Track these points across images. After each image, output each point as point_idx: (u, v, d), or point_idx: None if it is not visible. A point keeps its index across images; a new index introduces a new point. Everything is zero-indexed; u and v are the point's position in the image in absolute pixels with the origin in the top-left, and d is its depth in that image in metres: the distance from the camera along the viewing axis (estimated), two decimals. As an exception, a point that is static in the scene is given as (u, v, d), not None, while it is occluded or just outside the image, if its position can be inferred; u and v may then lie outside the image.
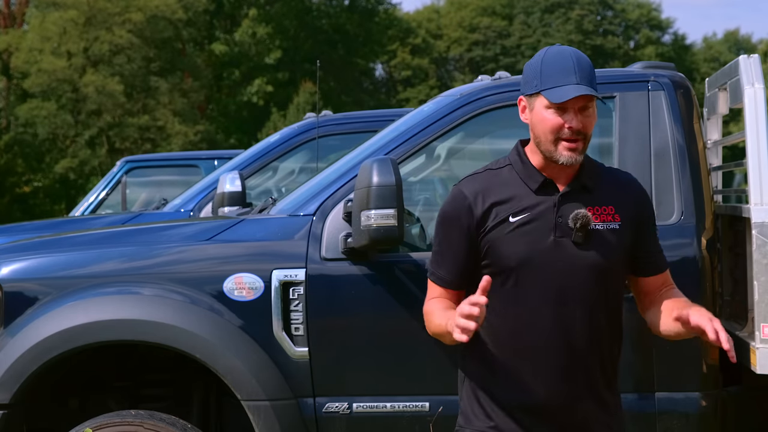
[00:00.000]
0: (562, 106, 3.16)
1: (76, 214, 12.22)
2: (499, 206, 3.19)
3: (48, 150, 37.99)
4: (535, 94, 3.20)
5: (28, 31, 39.67)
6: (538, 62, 3.21)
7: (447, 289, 3.26)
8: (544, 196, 3.20)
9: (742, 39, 63.83)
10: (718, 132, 5.99)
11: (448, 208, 3.25)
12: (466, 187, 3.24)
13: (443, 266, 3.26)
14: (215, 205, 7.17)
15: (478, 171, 3.29)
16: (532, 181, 3.22)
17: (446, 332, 3.08)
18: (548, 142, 3.19)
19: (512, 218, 3.18)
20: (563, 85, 3.17)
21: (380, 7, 52.41)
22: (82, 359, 4.88)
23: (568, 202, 3.21)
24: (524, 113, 3.25)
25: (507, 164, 3.26)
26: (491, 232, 3.18)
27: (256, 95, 45.00)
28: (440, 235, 3.26)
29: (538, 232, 3.17)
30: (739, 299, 5.08)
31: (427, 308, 3.27)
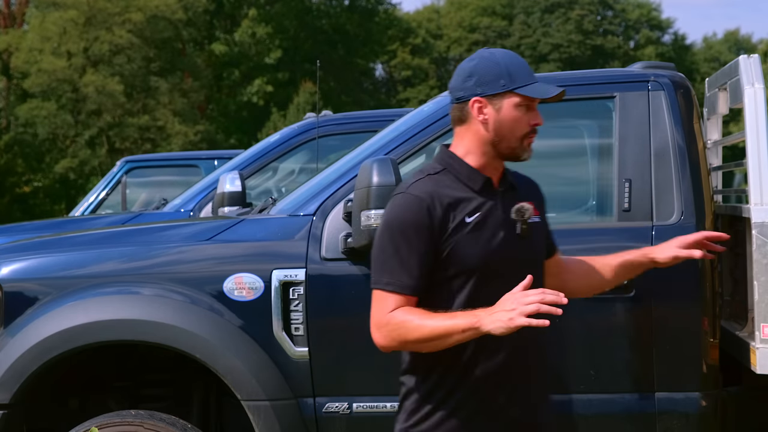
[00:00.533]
0: (530, 105, 3.27)
1: (76, 214, 12.22)
2: (453, 208, 3.23)
3: (48, 150, 38.01)
4: (502, 94, 3.26)
5: (28, 31, 39.68)
6: (496, 62, 3.29)
7: (409, 297, 3.21)
8: (487, 195, 3.28)
9: (743, 39, 63.84)
10: (718, 132, 5.99)
11: (405, 215, 3.21)
12: (418, 191, 3.23)
13: (405, 273, 3.19)
14: (215, 205, 7.17)
15: (420, 177, 3.28)
16: (474, 182, 3.28)
17: (466, 328, 3.07)
18: (515, 139, 3.28)
19: (468, 218, 3.23)
20: (533, 83, 3.28)
21: (380, 7, 52.41)
22: (82, 359, 4.89)
23: (506, 199, 3.32)
24: (481, 114, 3.28)
25: (442, 169, 3.30)
26: (452, 233, 3.20)
27: (256, 95, 45.01)
28: (398, 241, 3.18)
29: (491, 231, 3.26)
30: (739, 299, 5.08)
31: (401, 318, 3.16)
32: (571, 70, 5.52)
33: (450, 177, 3.28)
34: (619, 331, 4.58)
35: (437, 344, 3.15)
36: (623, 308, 4.58)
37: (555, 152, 5.26)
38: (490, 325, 3.05)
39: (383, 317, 3.22)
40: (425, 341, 3.16)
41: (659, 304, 4.57)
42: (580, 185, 5.15)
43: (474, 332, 3.09)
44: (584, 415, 4.59)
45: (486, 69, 3.29)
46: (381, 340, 3.24)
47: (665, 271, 4.56)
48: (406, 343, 3.19)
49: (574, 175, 5.17)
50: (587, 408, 4.58)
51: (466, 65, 3.33)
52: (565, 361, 4.60)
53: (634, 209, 4.67)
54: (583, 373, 4.59)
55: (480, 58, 3.32)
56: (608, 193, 4.78)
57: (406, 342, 3.19)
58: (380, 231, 3.25)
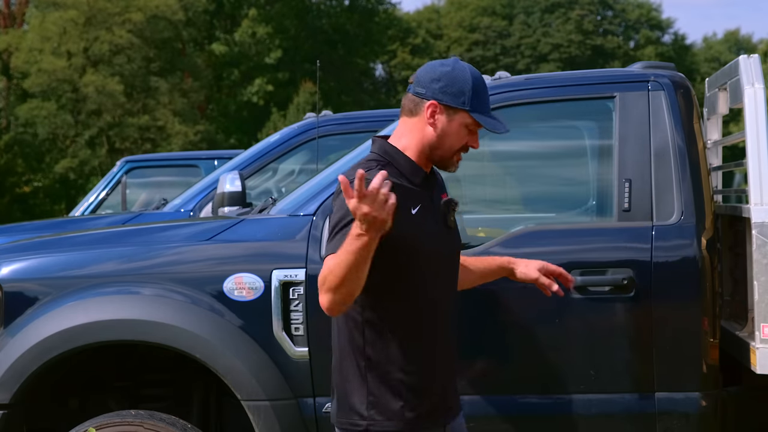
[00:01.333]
0: (474, 129, 3.45)
1: (76, 214, 12.21)
2: (399, 198, 3.26)
3: (48, 150, 38.00)
4: (458, 109, 3.41)
5: (28, 31, 39.67)
6: (465, 79, 3.42)
7: None
8: (424, 189, 3.46)
9: (743, 39, 63.83)
10: (718, 132, 5.99)
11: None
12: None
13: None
14: (215, 205, 7.17)
15: (371, 168, 3.36)
16: (415, 176, 3.44)
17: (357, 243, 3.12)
18: (450, 152, 3.46)
19: (413, 210, 3.39)
20: (488, 113, 3.46)
21: (380, 7, 52.41)
22: (82, 359, 4.89)
23: (436, 193, 3.51)
24: (432, 118, 3.42)
25: (386, 161, 3.43)
26: (397, 222, 3.26)
27: (256, 95, 45.01)
28: (346, 218, 3.26)
29: (430, 222, 3.44)
30: (739, 299, 5.08)
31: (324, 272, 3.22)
32: (571, 70, 5.52)
33: (394, 170, 3.41)
34: (619, 331, 4.58)
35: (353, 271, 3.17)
36: (623, 308, 4.58)
37: (555, 152, 5.26)
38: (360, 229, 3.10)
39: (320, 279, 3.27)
40: (345, 277, 3.18)
41: (659, 304, 4.57)
42: (580, 185, 5.15)
43: (367, 239, 3.10)
44: (584, 415, 4.59)
45: (455, 81, 3.41)
46: (324, 301, 3.27)
47: (665, 271, 4.57)
48: (337, 289, 3.21)
49: (574, 175, 5.18)
50: (587, 408, 4.58)
51: (440, 68, 3.44)
52: (565, 361, 4.60)
53: (634, 209, 4.67)
54: (583, 373, 4.59)
55: (454, 68, 3.44)
56: (608, 193, 4.78)
57: (337, 288, 3.21)
58: (336, 208, 3.35)
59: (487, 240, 4.73)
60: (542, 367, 4.61)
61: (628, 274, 4.56)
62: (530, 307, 4.61)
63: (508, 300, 4.61)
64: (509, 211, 5.39)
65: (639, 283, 4.56)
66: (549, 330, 4.60)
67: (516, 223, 5.00)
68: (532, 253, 4.65)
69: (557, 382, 4.60)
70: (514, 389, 4.63)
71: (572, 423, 4.59)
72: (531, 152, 5.30)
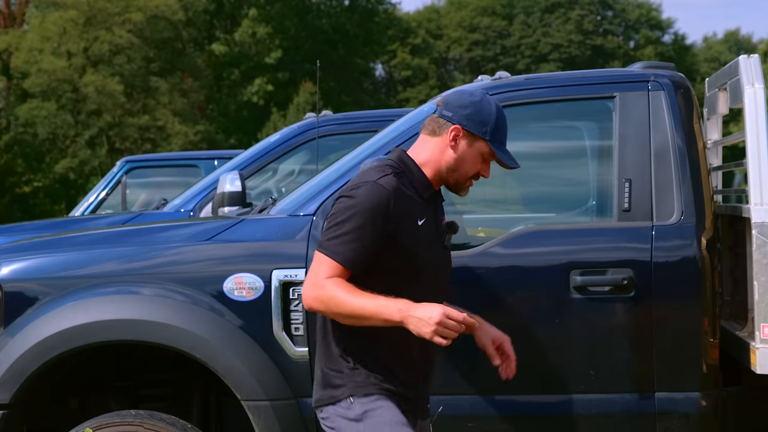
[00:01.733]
0: (489, 159, 3.69)
1: (76, 214, 12.21)
2: (407, 207, 3.58)
3: (48, 150, 37.99)
4: (480, 138, 3.64)
5: (28, 31, 39.66)
6: (490, 112, 3.66)
7: (347, 270, 3.53)
8: (431, 205, 3.69)
9: (743, 39, 63.82)
10: (718, 132, 5.99)
11: (368, 202, 3.52)
12: (387, 185, 3.56)
13: (352, 250, 3.51)
14: (215, 205, 7.17)
15: (387, 173, 3.60)
16: (425, 191, 3.66)
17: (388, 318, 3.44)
18: (464, 177, 3.69)
19: (419, 221, 3.61)
20: (504, 145, 3.70)
21: (380, 7, 52.41)
22: (82, 359, 4.89)
23: (439, 212, 3.74)
24: (454, 141, 3.65)
25: (401, 170, 3.64)
26: (402, 229, 3.55)
27: (256, 95, 45.00)
28: (354, 222, 3.50)
29: (430, 236, 3.64)
30: (739, 299, 5.08)
31: (336, 288, 3.48)
32: (571, 70, 5.52)
33: (407, 180, 3.63)
34: (619, 331, 4.58)
35: (358, 322, 3.51)
36: (623, 308, 4.58)
37: (555, 152, 5.26)
38: (412, 327, 3.42)
39: (321, 280, 3.51)
40: (348, 316, 3.50)
41: (659, 304, 4.58)
42: (580, 185, 5.15)
43: (394, 324, 3.46)
44: (584, 415, 4.59)
45: (481, 111, 3.65)
46: (311, 300, 3.53)
47: (665, 271, 4.58)
48: (331, 310, 3.51)
49: (574, 175, 5.17)
50: (587, 408, 4.58)
51: (469, 98, 3.67)
52: (565, 361, 4.60)
53: (634, 209, 4.67)
54: (583, 373, 4.59)
55: (482, 100, 3.67)
56: (608, 193, 4.79)
57: (332, 311, 3.51)
58: (345, 206, 3.54)
59: (487, 240, 4.73)
60: (542, 367, 4.61)
61: (628, 274, 4.56)
62: (530, 307, 4.61)
63: (509, 300, 4.61)
64: (509, 211, 5.39)
65: (639, 283, 4.56)
66: (549, 330, 4.60)
67: (516, 223, 5.00)
68: (532, 253, 4.66)
69: (557, 382, 4.60)
70: (514, 389, 4.63)
71: (572, 423, 4.59)
72: (531, 152, 5.29)
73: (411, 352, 3.66)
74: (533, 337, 4.59)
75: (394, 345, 3.63)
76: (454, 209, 5.19)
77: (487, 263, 4.63)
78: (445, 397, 4.58)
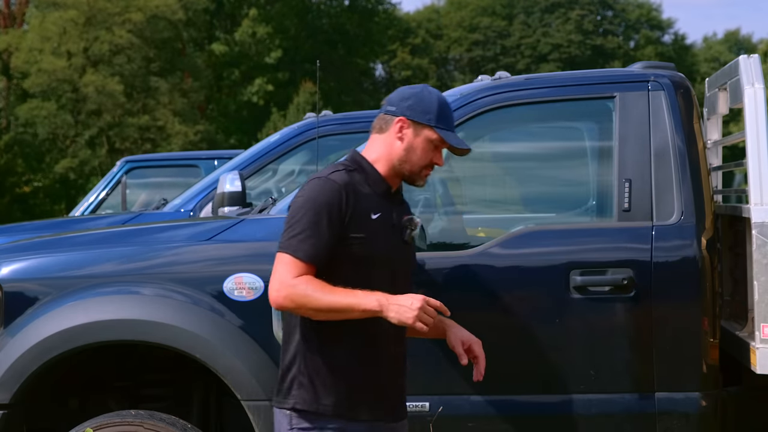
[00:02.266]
0: (439, 146, 3.72)
1: (76, 214, 12.20)
2: (361, 202, 3.65)
3: (48, 150, 37.98)
4: (424, 125, 3.70)
5: (28, 31, 39.64)
6: (432, 100, 3.73)
7: (310, 266, 3.59)
8: (387, 201, 3.73)
9: (743, 39, 63.80)
10: (718, 132, 5.99)
11: (321, 197, 3.60)
12: (336, 178, 3.64)
13: (313, 246, 3.58)
14: (215, 205, 7.17)
15: (338, 169, 3.68)
16: (379, 187, 3.72)
17: (366, 310, 3.51)
18: (417, 166, 3.73)
19: (373, 215, 3.66)
20: (451, 130, 3.74)
21: (380, 7, 52.39)
22: (82, 359, 4.88)
23: (397, 208, 3.76)
24: (401, 132, 3.71)
25: (354, 168, 3.71)
26: (357, 224, 3.62)
27: (256, 95, 44.99)
28: (309, 218, 3.59)
29: (386, 231, 3.68)
30: (739, 299, 5.08)
31: (309, 285, 3.54)
32: (571, 70, 5.52)
33: (361, 176, 3.69)
34: (619, 331, 4.59)
35: (332, 316, 3.57)
36: (623, 308, 4.58)
37: (555, 152, 5.26)
38: (393, 314, 3.51)
39: (289, 280, 3.57)
40: (324, 310, 3.55)
41: (659, 304, 4.58)
42: (580, 185, 5.15)
43: (373, 314, 3.53)
44: (584, 415, 4.59)
45: (422, 99, 3.72)
46: (280, 299, 3.58)
47: (665, 271, 4.58)
48: (303, 307, 3.56)
49: (574, 175, 5.17)
50: (587, 408, 4.58)
51: (408, 90, 3.77)
52: (565, 361, 4.60)
53: (634, 209, 4.67)
54: (583, 373, 4.59)
55: (422, 90, 3.76)
56: (608, 193, 4.79)
57: (304, 306, 3.56)
58: (299, 204, 3.63)
59: (487, 240, 4.73)
60: (542, 367, 4.61)
61: (628, 274, 4.56)
62: (530, 307, 4.61)
63: (509, 300, 4.61)
64: (509, 211, 5.39)
65: (639, 283, 4.56)
66: (549, 330, 4.60)
67: (516, 223, 5.00)
68: (532, 253, 4.66)
69: (557, 382, 4.60)
70: (514, 389, 4.63)
71: (572, 423, 4.59)
72: (531, 152, 5.30)
73: (378, 359, 3.69)
74: (533, 337, 4.59)
75: (361, 352, 3.66)
76: (455, 209, 5.20)
77: (487, 263, 4.63)
78: (445, 397, 4.59)
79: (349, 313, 3.54)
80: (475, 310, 4.63)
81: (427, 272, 4.60)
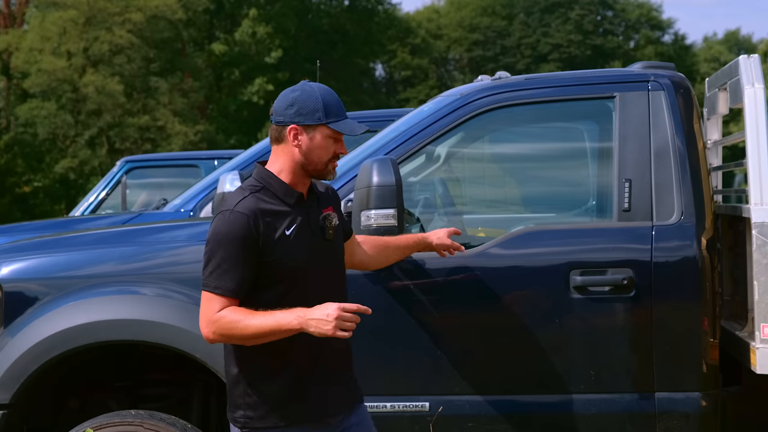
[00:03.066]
0: (337, 137, 3.74)
1: (76, 214, 12.20)
2: (273, 222, 3.66)
3: (48, 150, 37.98)
4: (315, 125, 3.71)
5: (28, 31, 39.64)
6: (315, 97, 3.72)
7: (232, 299, 3.63)
8: (300, 208, 3.74)
9: (743, 39, 63.83)
10: (718, 132, 5.99)
11: (229, 229, 3.63)
12: (243, 209, 3.64)
13: (230, 280, 3.62)
14: (215, 205, 7.17)
15: (244, 195, 3.69)
16: (289, 198, 3.73)
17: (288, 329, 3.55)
18: (322, 163, 3.75)
19: (287, 231, 3.67)
20: (344, 119, 3.75)
21: (380, 7, 52.40)
22: (82, 359, 4.88)
23: (313, 209, 3.79)
24: (296, 140, 3.72)
25: (261, 187, 3.73)
26: (274, 244, 3.64)
27: (256, 95, 45.00)
28: (222, 253, 3.63)
29: (306, 239, 3.72)
30: (739, 299, 5.08)
31: (231, 317, 3.59)
32: (571, 70, 5.53)
33: (269, 193, 3.71)
34: (619, 331, 4.59)
35: (262, 340, 3.61)
36: (623, 308, 4.58)
37: (555, 152, 5.26)
38: (313, 329, 3.53)
39: (212, 316, 3.62)
40: (251, 338, 3.60)
41: (659, 304, 4.58)
42: (580, 185, 5.15)
43: (295, 332, 3.57)
44: (584, 415, 4.59)
45: (305, 101, 3.72)
46: (210, 335, 3.65)
47: (665, 271, 4.58)
48: (232, 338, 3.63)
49: (574, 175, 5.18)
50: (587, 408, 4.59)
51: (290, 95, 3.75)
52: (565, 361, 4.60)
53: (634, 209, 4.67)
54: (583, 373, 4.59)
55: (302, 91, 3.74)
56: (608, 193, 4.79)
57: (233, 337, 3.63)
58: (210, 241, 3.67)
59: (487, 240, 4.73)
60: (542, 367, 4.61)
61: (628, 274, 4.57)
62: (530, 307, 4.61)
63: (509, 300, 4.61)
64: (509, 211, 5.40)
65: (639, 283, 4.56)
66: (549, 330, 4.60)
67: (516, 223, 5.00)
68: (532, 253, 4.66)
69: (557, 382, 4.60)
70: (514, 389, 4.64)
71: (572, 423, 4.59)
72: (531, 152, 5.30)
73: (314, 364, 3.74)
74: (534, 337, 4.59)
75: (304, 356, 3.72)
76: (455, 209, 5.20)
77: (487, 263, 4.63)
78: (445, 397, 4.59)
79: (276, 335, 3.58)
80: (476, 310, 4.63)
81: (427, 272, 4.61)
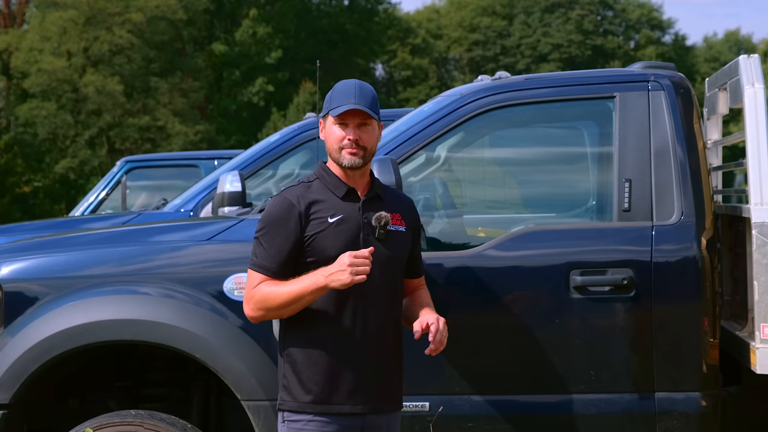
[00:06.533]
0: (345, 123, 3.87)
1: (76, 214, 12.20)
2: (317, 210, 3.84)
3: (48, 150, 37.99)
4: (326, 115, 3.92)
5: (28, 31, 39.66)
6: (330, 92, 3.95)
7: (269, 278, 3.84)
8: (350, 201, 3.88)
9: (743, 39, 63.80)
10: (718, 132, 5.99)
11: (274, 211, 3.87)
12: (288, 194, 3.88)
13: (268, 258, 3.84)
14: (215, 205, 7.17)
15: (294, 184, 3.92)
16: (339, 190, 3.89)
17: (314, 290, 3.73)
18: (335, 150, 3.89)
19: (330, 219, 3.83)
20: (343, 104, 3.86)
21: (380, 7, 52.40)
22: (82, 359, 4.88)
23: (368, 206, 3.89)
24: (321, 132, 3.95)
25: (315, 179, 3.93)
26: (313, 230, 3.83)
27: (256, 95, 45.00)
28: (264, 233, 3.86)
29: (350, 231, 3.84)
30: (739, 299, 5.08)
31: (264, 290, 3.80)
32: (571, 70, 5.53)
33: (320, 184, 3.91)
34: (619, 331, 4.59)
35: (295, 307, 3.78)
36: (623, 308, 4.58)
37: (555, 152, 5.26)
38: (334, 283, 3.70)
39: (250, 292, 3.86)
40: (284, 306, 3.78)
41: (659, 304, 4.58)
42: (580, 185, 5.15)
43: (320, 290, 3.74)
44: (584, 415, 4.59)
45: (327, 96, 3.96)
46: (249, 311, 3.87)
47: (665, 271, 4.58)
48: (270, 309, 3.83)
49: (574, 175, 5.18)
50: (587, 408, 4.59)
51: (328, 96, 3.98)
52: (565, 361, 4.60)
53: (634, 209, 4.67)
54: (583, 373, 4.59)
55: (332, 90, 3.97)
56: (608, 193, 4.79)
57: (270, 309, 3.82)
58: (260, 221, 3.90)
59: (488, 240, 4.73)
60: (542, 367, 4.61)
61: (628, 274, 4.57)
62: (530, 307, 4.61)
63: (509, 300, 4.61)
64: (509, 211, 5.40)
65: (639, 283, 4.56)
66: (549, 330, 4.60)
67: (516, 224, 5.00)
68: (532, 254, 4.66)
69: (557, 382, 4.60)
70: (514, 389, 4.64)
71: (572, 423, 4.59)
72: (531, 152, 5.30)
73: (356, 350, 3.83)
74: (533, 337, 4.59)
75: (340, 348, 3.82)
76: (455, 209, 5.20)
77: (487, 263, 4.63)
78: (445, 397, 4.59)
79: (306, 298, 3.75)
80: (476, 310, 4.63)
81: (427, 272, 4.60)
